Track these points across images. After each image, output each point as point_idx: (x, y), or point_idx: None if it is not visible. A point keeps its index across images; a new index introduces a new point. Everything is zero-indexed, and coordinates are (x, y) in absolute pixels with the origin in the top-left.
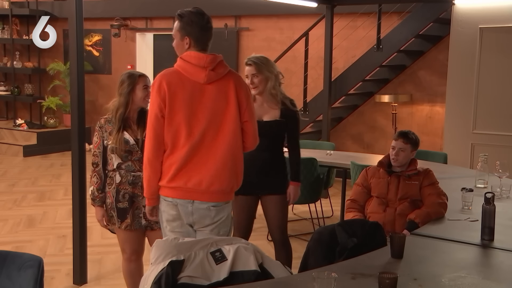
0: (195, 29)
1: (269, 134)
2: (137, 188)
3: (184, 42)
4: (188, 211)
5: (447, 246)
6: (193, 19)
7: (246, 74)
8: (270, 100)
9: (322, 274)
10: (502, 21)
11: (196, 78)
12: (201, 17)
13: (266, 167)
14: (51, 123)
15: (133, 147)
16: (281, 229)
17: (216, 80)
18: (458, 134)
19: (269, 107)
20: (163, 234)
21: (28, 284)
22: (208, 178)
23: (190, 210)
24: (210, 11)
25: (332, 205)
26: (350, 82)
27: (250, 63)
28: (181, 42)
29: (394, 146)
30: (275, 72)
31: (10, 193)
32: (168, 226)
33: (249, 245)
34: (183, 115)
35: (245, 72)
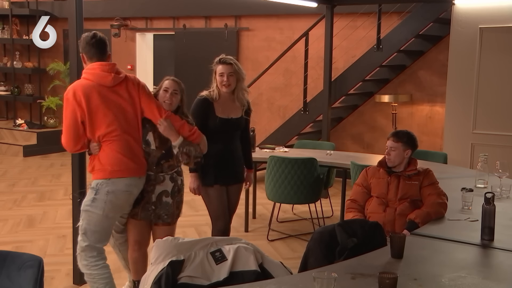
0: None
1: (237, 129)
2: (147, 185)
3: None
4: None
5: (447, 246)
6: (82, 38)
7: (222, 72)
8: (239, 99)
9: (322, 274)
10: (502, 21)
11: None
12: (89, 37)
13: (234, 159)
14: (51, 123)
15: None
16: (232, 215)
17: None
18: (458, 134)
19: (236, 106)
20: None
21: (28, 284)
22: None
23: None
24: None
25: (332, 205)
26: (350, 82)
27: (231, 62)
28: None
29: (386, 146)
30: (244, 76)
31: (10, 193)
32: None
33: (249, 245)
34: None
35: (220, 70)
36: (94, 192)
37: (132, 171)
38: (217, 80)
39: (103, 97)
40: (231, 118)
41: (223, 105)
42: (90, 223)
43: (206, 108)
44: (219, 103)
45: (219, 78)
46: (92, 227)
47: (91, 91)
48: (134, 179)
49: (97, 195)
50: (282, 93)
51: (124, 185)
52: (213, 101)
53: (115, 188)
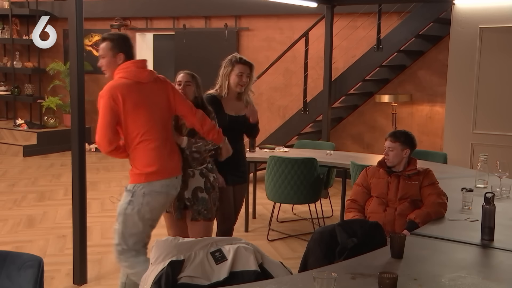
0: (127, 46)
1: (243, 127)
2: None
3: (117, 58)
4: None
5: (447, 246)
6: (124, 38)
7: (242, 72)
8: (244, 99)
9: (322, 274)
10: (502, 21)
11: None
12: (128, 38)
13: (240, 159)
14: (51, 123)
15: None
16: (238, 215)
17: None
18: (458, 134)
19: (241, 104)
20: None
21: (28, 284)
22: None
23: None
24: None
25: (332, 205)
26: (350, 82)
27: (250, 64)
28: (114, 59)
29: (385, 146)
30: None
31: (10, 193)
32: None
33: (249, 245)
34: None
35: (240, 69)
36: (130, 195)
37: (169, 171)
38: (232, 78)
39: (141, 95)
40: (239, 116)
41: (230, 103)
42: (127, 226)
43: (216, 105)
44: (227, 101)
45: (236, 77)
46: (129, 230)
47: (129, 89)
48: (171, 179)
49: (133, 198)
50: (282, 93)
51: (160, 186)
52: (221, 98)
53: (151, 189)
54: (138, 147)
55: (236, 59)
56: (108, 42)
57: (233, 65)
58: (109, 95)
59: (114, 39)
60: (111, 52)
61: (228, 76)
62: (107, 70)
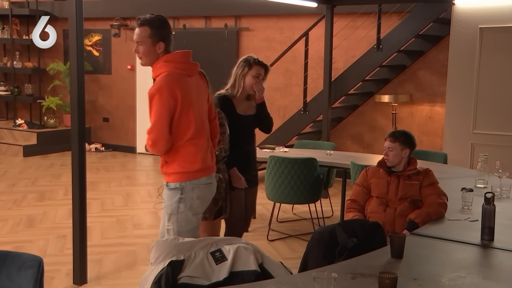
0: (167, 33)
1: (254, 127)
2: None
3: (157, 47)
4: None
5: (447, 246)
6: (164, 24)
7: (259, 74)
8: (253, 99)
9: (322, 274)
10: (502, 21)
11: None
12: (167, 22)
13: (252, 162)
14: (51, 123)
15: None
16: (250, 219)
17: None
18: (458, 134)
19: (251, 104)
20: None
21: (28, 284)
22: None
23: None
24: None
25: (332, 205)
26: (350, 82)
27: (266, 66)
28: (153, 47)
29: (384, 147)
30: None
31: (10, 193)
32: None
33: (249, 245)
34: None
35: (257, 71)
36: (179, 192)
37: (211, 169)
38: (247, 79)
39: (192, 90)
40: (249, 115)
41: (241, 103)
42: (182, 224)
43: (228, 105)
44: (237, 101)
45: (253, 78)
46: (184, 228)
47: (184, 83)
48: (211, 176)
49: (183, 195)
50: (282, 93)
51: (206, 179)
52: (232, 98)
53: (198, 182)
54: (185, 144)
55: (254, 60)
56: (147, 28)
57: (250, 65)
58: (167, 91)
59: (155, 26)
60: (150, 40)
61: (244, 76)
62: (144, 59)
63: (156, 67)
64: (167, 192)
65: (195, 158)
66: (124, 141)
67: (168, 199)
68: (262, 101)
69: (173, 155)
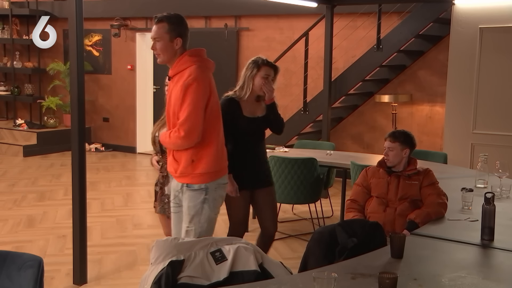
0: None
1: (263, 128)
2: (163, 176)
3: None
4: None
5: (447, 246)
6: (181, 21)
7: (268, 75)
8: (263, 99)
9: (322, 274)
10: (502, 21)
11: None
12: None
13: (260, 163)
14: (51, 123)
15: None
16: (276, 220)
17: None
18: (458, 134)
19: (260, 105)
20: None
21: (28, 284)
22: None
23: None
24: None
25: (332, 205)
26: (350, 82)
27: (276, 67)
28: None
29: (384, 147)
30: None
31: (10, 193)
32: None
33: (249, 245)
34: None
35: (266, 71)
36: (203, 193)
37: (226, 168)
38: (256, 80)
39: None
40: (257, 117)
41: (249, 105)
42: (204, 225)
43: (234, 108)
44: (245, 103)
45: (262, 79)
46: (205, 229)
47: (211, 77)
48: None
49: (207, 195)
50: (282, 93)
51: (224, 177)
52: (239, 100)
53: (220, 181)
54: (212, 140)
55: (262, 61)
56: (164, 24)
57: (259, 67)
58: (203, 82)
59: (172, 22)
60: (168, 36)
61: (253, 78)
62: (161, 55)
63: (180, 61)
64: (188, 194)
65: (220, 156)
66: (124, 141)
67: (191, 200)
68: (272, 102)
69: (200, 152)
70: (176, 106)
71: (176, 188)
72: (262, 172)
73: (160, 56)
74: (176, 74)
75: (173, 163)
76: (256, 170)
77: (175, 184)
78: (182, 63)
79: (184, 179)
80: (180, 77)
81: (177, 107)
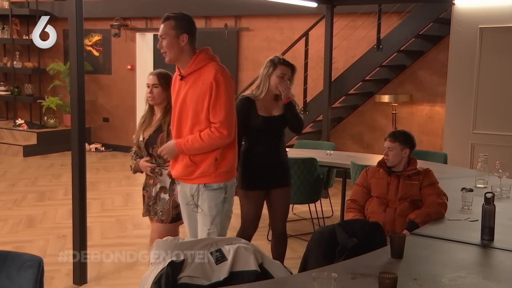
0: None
1: (279, 128)
2: (150, 178)
3: (180, 39)
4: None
5: (447, 246)
6: (188, 18)
7: (284, 73)
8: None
9: (322, 274)
10: (502, 21)
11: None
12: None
13: (277, 162)
14: (51, 123)
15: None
16: (285, 220)
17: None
18: (458, 134)
19: (278, 104)
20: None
21: (28, 284)
22: None
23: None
24: (210, 11)
25: (332, 205)
26: (350, 82)
27: (293, 66)
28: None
29: (384, 147)
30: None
31: (10, 193)
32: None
33: (249, 245)
34: None
35: (282, 70)
36: (223, 192)
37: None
38: (272, 79)
39: None
40: (273, 116)
41: (265, 103)
42: (225, 225)
43: (248, 107)
44: (262, 102)
45: (277, 78)
46: (225, 228)
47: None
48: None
49: (227, 194)
50: None
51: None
52: (255, 99)
53: (234, 179)
54: (234, 140)
55: (278, 59)
56: (170, 21)
57: (275, 65)
58: (231, 79)
59: (178, 18)
60: (173, 32)
61: (269, 76)
62: (168, 53)
63: (197, 59)
64: (208, 194)
65: (235, 157)
66: (124, 141)
67: (211, 200)
68: (289, 101)
69: (225, 151)
70: (199, 105)
71: (191, 191)
72: (279, 171)
73: (167, 54)
74: (192, 72)
75: (190, 165)
76: (272, 169)
77: (188, 187)
78: (199, 61)
79: (204, 179)
80: (198, 76)
81: (200, 105)
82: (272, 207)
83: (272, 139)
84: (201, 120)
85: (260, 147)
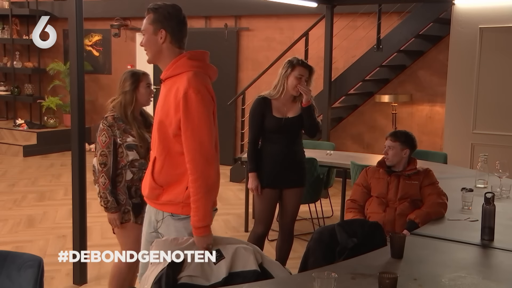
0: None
1: (294, 129)
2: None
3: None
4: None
5: (447, 246)
6: (170, 11)
7: (302, 75)
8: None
9: (322, 274)
10: (502, 21)
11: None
12: (178, 11)
13: (292, 162)
14: (51, 123)
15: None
16: (294, 220)
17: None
18: (458, 134)
19: (295, 106)
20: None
21: (28, 284)
22: None
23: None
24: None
25: (332, 205)
26: (350, 82)
27: (310, 68)
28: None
29: (385, 145)
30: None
31: (10, 193)
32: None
33: (249, 246)
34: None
35: (300, 72)
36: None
37: None
38: (290, 80)
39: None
40: (287, 117)
41: (282, 104)
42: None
43: (263, 107)
44: (278, 102)
45: (295, 80)
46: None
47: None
48: None
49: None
50: None
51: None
52: (272, 99)
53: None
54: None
55: (297, 61)
56: (150, 15)
57: (293, 66)
58: (207, 91)
59: (159, 12)
60: (151, 27)
61: (287, 77)
62: (147, 51)
63: (176, 64)
64: (174, 225)
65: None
66: None
67: (179, 233)
68: (309, 105)
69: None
70: (167, 119)
71: (156, 217)
72: (293, 171)
73: (147, 53)
74: (169, 77)
75: (155, 188)
76: (286, 169)
77: (153, 211)
78: (177, 66)
79: (171, 208)
80: (173, 84)
81: (169, 120)
82: (283, 207)
83: (287, 140)
84: (168, 137)
85: (275, 147)
